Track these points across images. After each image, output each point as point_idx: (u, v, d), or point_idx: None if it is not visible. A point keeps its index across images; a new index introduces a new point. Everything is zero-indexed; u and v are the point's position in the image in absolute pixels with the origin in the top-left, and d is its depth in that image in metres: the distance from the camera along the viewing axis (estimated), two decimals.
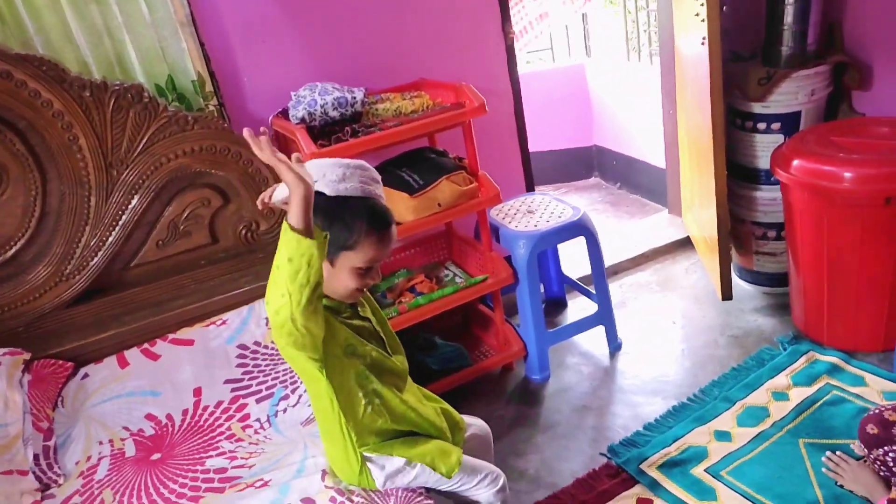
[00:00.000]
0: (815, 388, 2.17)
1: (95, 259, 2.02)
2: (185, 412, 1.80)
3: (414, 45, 2.46)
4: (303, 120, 2.08)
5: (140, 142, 1.97)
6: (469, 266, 2.52)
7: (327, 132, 2.10)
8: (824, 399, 2.12)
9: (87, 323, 2.01)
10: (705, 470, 1.94)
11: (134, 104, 1.94)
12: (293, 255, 1.12)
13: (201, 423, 1.77)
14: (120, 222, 2.02)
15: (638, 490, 1.92)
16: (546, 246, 2.46)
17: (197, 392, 1.85)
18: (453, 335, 2.60)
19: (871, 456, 1.68)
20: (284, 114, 2.20)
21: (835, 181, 2.08)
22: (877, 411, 1.71)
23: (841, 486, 1.78)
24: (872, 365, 2.22)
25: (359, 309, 1.43)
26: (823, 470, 1.84)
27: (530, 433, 2.23)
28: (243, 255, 2.22)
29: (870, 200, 2.04)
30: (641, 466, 1.98)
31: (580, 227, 2.40)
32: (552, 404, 2.35)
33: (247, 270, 2.21)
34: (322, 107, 2.08)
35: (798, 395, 2.16)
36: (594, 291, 2.57)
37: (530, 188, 2.87)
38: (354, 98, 2.13)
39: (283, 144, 2.28)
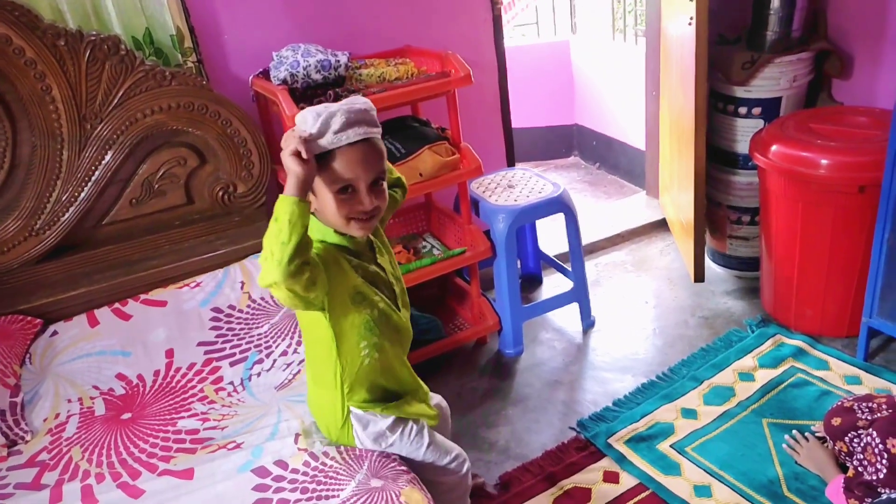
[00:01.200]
0: (780, 370, 2.23)
1: (66, 215, 1.97)
2: (156, 373, 1.78)
3: (400, 11, 2.42)
4: (284, 81, 2.03)
5: (115, 95, 1.92)
6: (447, 238, 2.51)
7: (309, 95, 2.06)
8: (789, 381, 2.18)
9: (57, 280, 1.97)
10: (671, 445, 1.99)
11: (110, 56, 1.88)
12: (278, 213, 1.14)
13: (173, 384, 1.75)
14: (93, 178, 1.97)
15: (605, 463, 1.96)
16: (525, 221, 2.47)
17: (169, 353, 1.82)
18: (429, 307, 2.61)
19: (837, 447, 1.73)
20: (265, 74, 2.15)
21: (811, 167, 2.11)
22: (838, 403, 1.77)
23: (799, 465, 1.84)
24: (836, 350, 2.28)
25: (377, 254, 1.38)
26: (784, 447, 1.89)
27: (502, 405, 2.26)
28: (219, 217, 2.18)
29: (844, 188, 2.08)
30: (609, 440, 2.02)
31: (560, 204, 2.41)
32: (524, 378, 2.38)
33: (223, 233, 2.17)
34: (305, 69, 2.04)
35: (763, 376, 2.21)
36: (570, 269, 2.59)
37: (511, 163, 2.87)
38: (338, 62, 2.09)
39: (264, 105, 2.23)
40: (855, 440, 1.66)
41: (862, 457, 1.61)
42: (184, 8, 2.05)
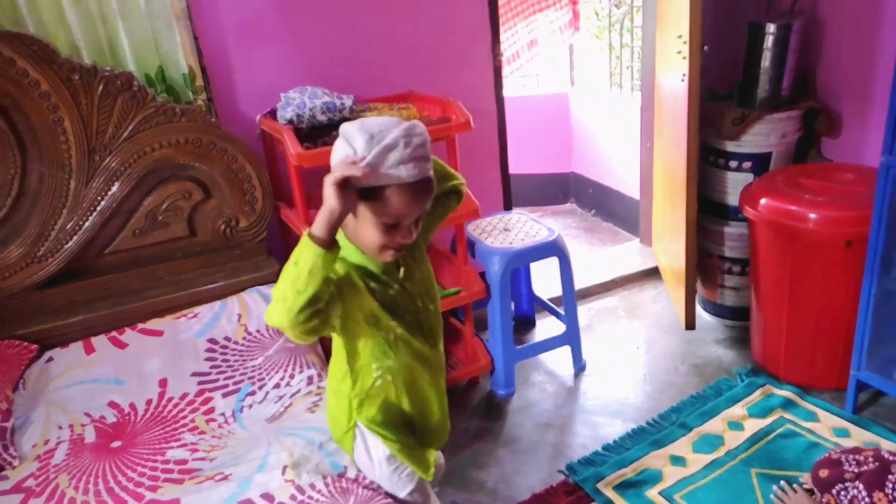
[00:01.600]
0: (769, 420, 2.24)
1: (70, 243, 2.01)
2: (148, 402, 1.79)
3: (405, 58, 2.51)
4: (290, 121, 2.10)
5: (126, 129, 1.98)
6: (443, 279, 2.55)
7: (314, 135, 2.13)
8: (777, 431, 2.19)
9: (57, 307, 2.00)
10: (659, 492, 1.99)
11: (123, 91, 1.94)
12: (300, 258, 1.10)
13: (165, 413, 1.76)
14: (98, 208, 2.01)
15: None
16: (520, 263, 2.51)
17: (162, 383, 1.84)
18: None
19: (825, 500, 1.73)
20: (272, 114, 2.22)
21: (800, 221, 2.17)
22: (826, 455, 1.78)
23: None
24: (825, 402, 2.30)
25: (404, 275, 1.31)
26: (772, 497, 1.89)
27: (492, 446, 2.26)
28: (220, 250, 2.22)
29: (832, 242, 2.13)
30: (598, 485, 2.02)
31: (554, 248, 2.46)
32: (515, 419, 2.38)
33: (223, 266, 2.21)
34: (311, 110, 2.11)
35: (753, 426, 2.22)
36: (563, 312, 2.63)
37: (508, 207, 2.93)
38: (343, 104, 2.17)
39: (269, 144, 2.30)
40: (842, 493, 1.67)
41: None
42: (197, 48, 2.13)
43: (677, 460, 2.10)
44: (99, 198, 2.01)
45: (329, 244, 1.10)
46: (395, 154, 1.12)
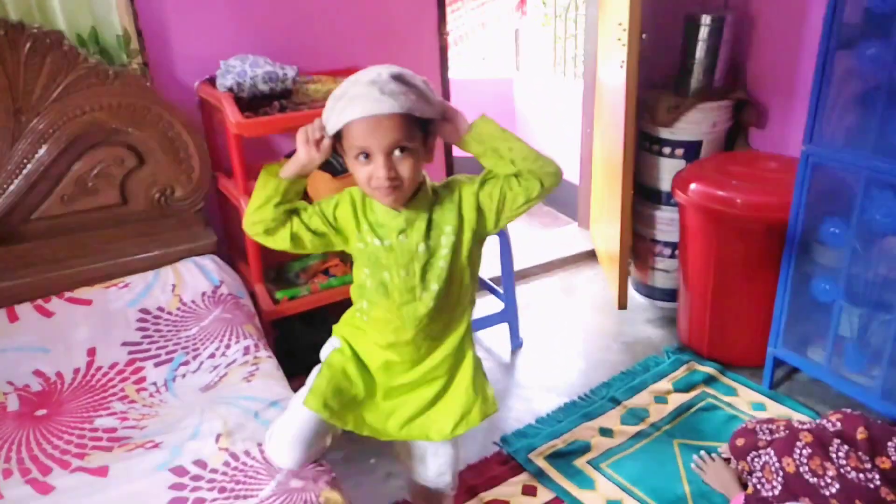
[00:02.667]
0: (692, 394, 2.36)
1: None
2: (76, 371, 1.74)
3: (349, 32, 2.48)
4: (230, 89, 2.06)
5: (55, 90, 1.90)
6: None
7: (255, 105, 2.09)
8: (699, 405, 2.31)
9: None
10: (587, 461, 2.07)
11: (52, 50, 1.87)
12: (259, 179, 1.34)
13: (93, 382, 1.71)
14: (24, 171, 1.93)
15: (524, 477, 2.02)
16: None
17: (91, 352, 1.79)
18: None
19: (740, 467, 1.84)
20: (211, 81, 2.17)
21: (726, 205, 2.27)
22: (742, 426, 1.90)
23: (706, 484, 1.95)
24: (744, 378, 2.43)
25: (400, 233, 1.30)
26: (692, 466, 2.00)
27: None
28: (155, 219, 2.17)
29: (755, 226, 2.25)
30: (530, 456, 2.09)
31: None
32: None
33: (157, 236, 2.16)
34: (252, 79, 2.07)
35: (676, 399, 2.33)
36: (502, 290, 2.68)
37: None
38: (286, 75, 2.14)
39: (208, 112, 2.25)
40: (755, 459, 1.78)
41: (761, 474, 1.72)
42: (133, 10, 2.06)
43: (606, 432, 2.19)
44: (25, 160, 1.92)
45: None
46: (342, 101, 1.20)
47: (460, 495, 1.94)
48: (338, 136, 1.26)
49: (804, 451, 1.62)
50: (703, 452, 2.03)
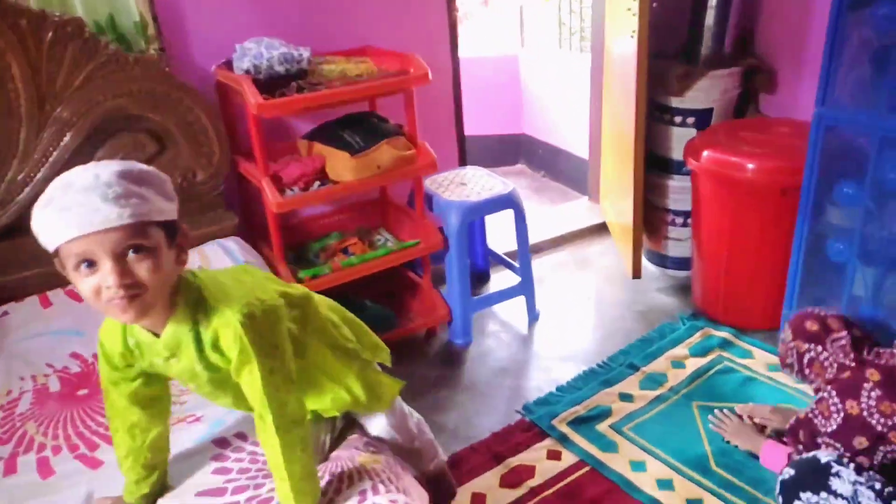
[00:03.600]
0: (708, 358, 2.40)
1: (22, 195, 1.96)
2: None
3: (360, 12, 2.50)
4: (247, 72, 2.09)
5: (78, 78, 1.93)
6: (401, 233, 2.60)
7: (271, 86, 2.12)
8: (716, 368, 2.35)
9: (9, 260, 1.95)
10: (609, 426, 2.12)
11: (73, 38, 1.90)
12: None
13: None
14: (50, 159, 1.97)
15: (548, 443, 2.07)
16: (477, 216, 2.58)
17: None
18: (382, 300, 2.68)
19: (792, 344, 1.80)
20: (228, 65, 2.20)
21: (738, 171, 2.30)
22: (818, 313, 1.83)
23: (727, 442, 2.00)
24: (759, 341, 2.47)
25: (169, 356, 1.15)
26: (710, 426, 2.05)
27: (451, 392, 2.35)
28: (179, 203, 2.20)
29: (768, 190, 2.28)
30: (552, 422, 2.14)
31: (510, 201, 2.53)
32: (473, 367, 2.48)
33: (181, 220, 2.19)
34: (268, 60, 2.10)
35: (693, 364, 2.38)
36: (517, 265, 2.72)
37: (463, 164, 2.98)
38: (301, 56, 2.16)
39: (225, 95, 2.28)
40: (811, 353, 1.73)
41: (814, 407, 1.63)
42: None
43: (625, 397, 2.24)
44: (51, 148, 1.96)
45: None
46: (50, 212, 0.97)
47: (487, 462, 2.00)
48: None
49: (872, 394, 1.51)
50: (717, 411, 2.08)
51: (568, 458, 2.00)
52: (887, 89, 1.86)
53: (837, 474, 1.27)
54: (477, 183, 2.62)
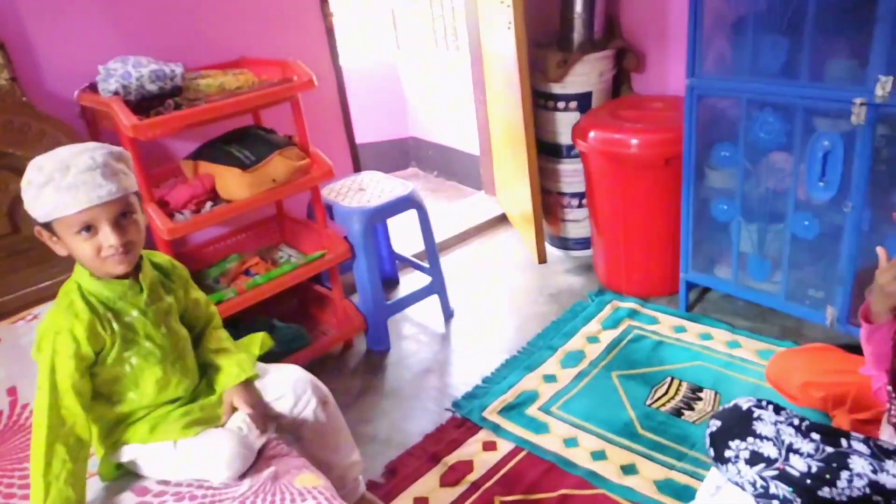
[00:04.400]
0: (619, 329, 2.49)
1: None
2: (0, 414, 1.61)
3: (231, 23, 2.40)
4: (116, 93, 1.94)
5: None
6: (303, 246, 2.51)
7: (144, 107, 1.98)
8: (628, 338, 2.45)
9: None
10: (538, 409, 2.15)
11: None
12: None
13: (21, 421, 1.58)
14: None
15: (483, 435, 2.07)
16: (380, 219, 2.54)
17: (12, 392, 1.65)
18: (291, 318, 2.58)
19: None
20: (93, 88, 2.04)
21: (624, 147, 2.41)
22: None
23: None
24: (662, 306, 2.60)
25: (143, 298, 1.35)
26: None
27: (376, 400, 2.30)
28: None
29: (653, 162, 2.40)
30: (483, 414, 2.14)
31: (412, 201, 2.52)
32: (395, 372, 2.44)
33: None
34: (138, 79, 1.96)
35: (607, 337, 2.46)
36: (426, 265, 2.71)
37: (358, 170, 2.93)
38: (174, 72, 2.04)
39: (93, 121, 2.11)
40: None
41: None
42: None
43: (549, 378, 2.28)
44: None
45: None
46: (52, 190, 1.18)
47: (424, 464, 1.97)
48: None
49: None
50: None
51: (503, 447, 2.01)
52: (748, 56, 2.01)
53: (759, 418, 1.33)
54: (376, 187, 2.58)
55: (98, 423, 1.36)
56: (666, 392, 2.14)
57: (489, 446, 2.02)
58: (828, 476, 1.21)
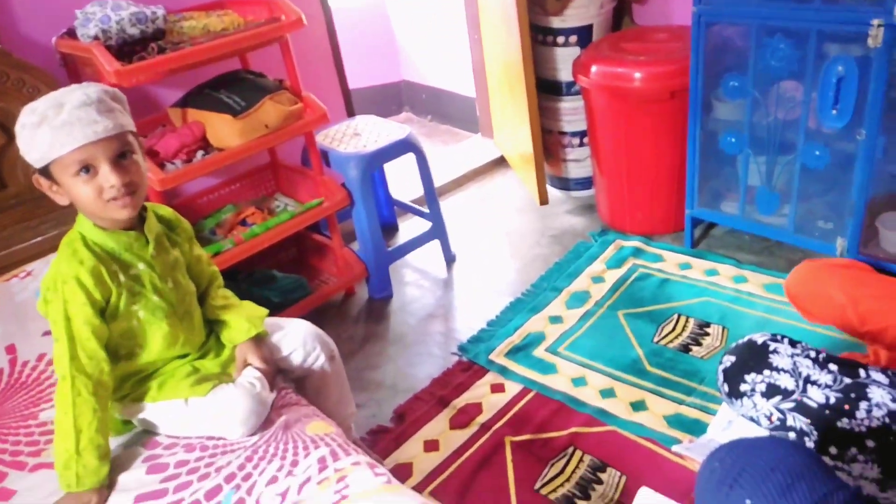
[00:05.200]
0: (624, 269, 2.46)
1: None
2: (0, 372, 1.57)
3: None
4: (96, 38, 1.85)
5: None
6: (300, 194, 2.45)
7: (126, 52, 1.89)
8: (633, 277, 2.42)
9: None
10: (545, 350, 2.13)
11: None
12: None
13: (23, 379, 1.55)
14: None
15: (490, 378, 2.06)
16: (377, 165, 2.48)
17: (11, 349, 1.62)
18: (290, 268, 2.54)
19: None
20: (71, 34, 1.94)
21: (627, 81, 2.33)
22: None
23: None
24: (667, 244, 2.56)
25: (150, 250, 1.31)
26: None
27: (381, 346, 2.28)
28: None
29: (657, 96, 2.32)
30: (490, 357, 2.13)
31: (409, 145, 2.45)
32: (399, 318, 2.42)
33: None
34: (118, 23, 1.86)
35: (612, 276, 2.43)
36: (426, 210, 2.65)
37: (351, 114, 2.85)
38: (155, 14, 1.94)
39: (73, 69, 2.01)
40: None
41: None
42: None
43: (555, 319, 2.26)
44: None
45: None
46: (46, 130, 1.14)
47: (433, 408, 1.97)
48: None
49: None
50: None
51: (512, 389, 2.00)
52: None
53: (775, 351, 1.32)
54: (372, 131, 2.50)
55: None
56: (673, 329, 2.13)
57: (497, 388, 2.02)
58: (846, 407, 1.19)
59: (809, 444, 1.19)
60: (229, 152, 2.02)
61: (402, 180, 3.01)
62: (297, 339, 1.49)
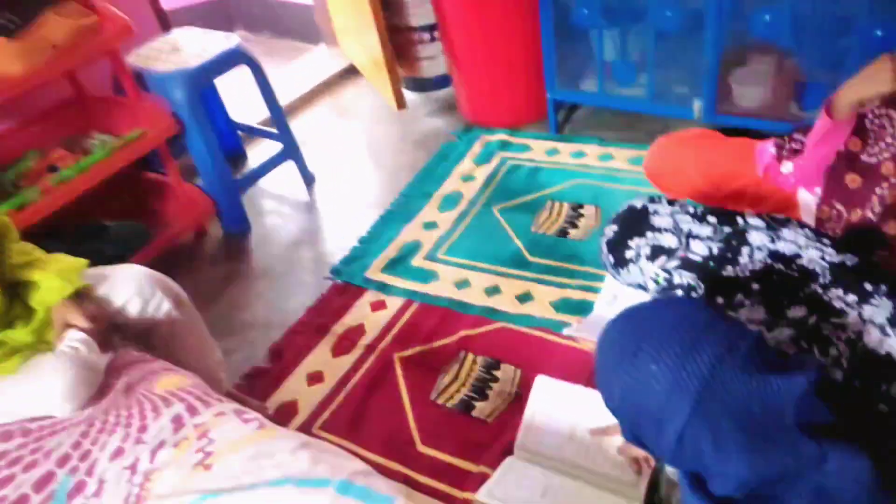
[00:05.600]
0: (493, 163, 2.37)
1: None
2: None
3: None
4: None
5: None
6: (118, 128, 2.10)
7: None
8: (503, 170, 2.33)
9: None
10: (423, 258, 2.02)
11: None
12: None
13: None
14: None
15: (369, 296, 1.92)
16: (206, 81, 2.17)
17: None
18: (126, 216, 2.22)
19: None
20: None
21: None
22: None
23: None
24: (533, 132, 2.49)
25: None
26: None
27: (246, 284, 2.07)
28: None
29: None
30: (366, 275, 1.98)
31: (240, 55, 2.16)
32: (261, 251, 2.20)
33: None
34: None
35: (482, 173, 2.33)
36: (274, 130, 2.39)
37: (166, 29, 2.47)
38: None
39: None
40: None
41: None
42: None
43: (429, 225, 2.14)
44: None
45: None
46: None
47: (312, 338, 1.81)
48: None
49: None
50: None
51: (394, 304, 1.88)
52: None
53: (655, 212, 1.27)
54: (194, 45, 2.17)
55: None
56: (549, 216, 2.07)
57: (378, 306, 1.88)
58: (729, 255, 1.16)
59: (697, 297, 1.15)
60: (11, 82, 1.65)
61: (242, 102, 2.70)
62: (130, 287, 1.26)
